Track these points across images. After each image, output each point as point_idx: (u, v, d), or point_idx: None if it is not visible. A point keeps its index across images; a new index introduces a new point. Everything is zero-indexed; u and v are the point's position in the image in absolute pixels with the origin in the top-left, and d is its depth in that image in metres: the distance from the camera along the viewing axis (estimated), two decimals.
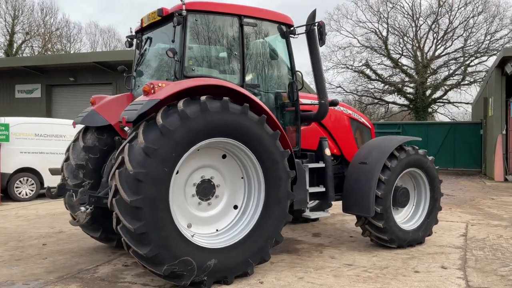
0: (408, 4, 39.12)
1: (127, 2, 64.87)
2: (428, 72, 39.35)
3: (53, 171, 11.31)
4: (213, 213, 5.24)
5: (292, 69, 6.12)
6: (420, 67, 38.97)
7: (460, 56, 39.54)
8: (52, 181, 11.79)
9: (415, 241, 6.67)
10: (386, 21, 39.17)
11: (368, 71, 40.41)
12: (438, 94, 40.22)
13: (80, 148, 6.09)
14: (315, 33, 6.01)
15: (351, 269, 5.54)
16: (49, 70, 23.42)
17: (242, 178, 5.36)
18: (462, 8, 38.11)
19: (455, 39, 39.41)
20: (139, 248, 4.45)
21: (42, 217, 9.21)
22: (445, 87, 40.18)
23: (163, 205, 4.54)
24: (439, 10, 38.78)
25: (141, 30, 6.21)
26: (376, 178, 6.12)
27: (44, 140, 11.93)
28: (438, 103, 41.87)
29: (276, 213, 5.24)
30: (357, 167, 6.38)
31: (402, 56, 40.50)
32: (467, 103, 40.37)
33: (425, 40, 39.58)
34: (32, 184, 11.72)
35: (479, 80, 38.85)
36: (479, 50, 38.86)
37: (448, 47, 39.98)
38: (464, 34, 38.88)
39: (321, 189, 6.11)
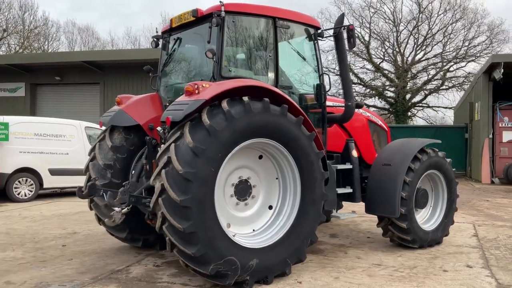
0: (389, 9, 39.69)
1: (102, 1, 63.93)
2: (409, 76, 40.11)
3: None
4: (249, 213, 5.27)
5: (319, 71, 6.20)
6: (401, 71, 39.69)
7: (439, 62, 40.43)
8: (51, 182, 11.64)
9: (434, 241, 6.83)
10: (368, 26, 39.78)
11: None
12: (417, 98, 41.04)
13: (107, 148, 6.03)
14: (343, 36, 6.11)
15: (382, 269, 5.64)
16: (34, 68, 22.97)
17: (276, 178, 5.40)
18: (442, 15, 39.01)
19: (435, 44, 40.30)
20: (187, 248, 4.44)
21: (49, 218, 9.05)
22: (425, 91, 41.05)
23: (210, 205, 4.55)
24: (420, 16, 39.58)
25: (169, 31, 6.19)
26: (401, 179, 6.25)
27: (44, 140, 11.72)
28: (417, 107, 42.72)
29: (311, 214, 5.30)
30: (380, 168, 6.50)
31: (384, 61, 41.21)
32: (446, 108, 41.31)
33: (406, 45, 40.35)
34: (31, 184, 11.49)
35: (457, 85, 39.90)
36: (457, 55, 39.82)
37: (428, 52, 40.85)
38: (443, 40, 39.77)
39: (349, 190, 6.20)
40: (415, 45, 40.16)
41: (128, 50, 35.69)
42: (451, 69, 40.43)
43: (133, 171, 6.05)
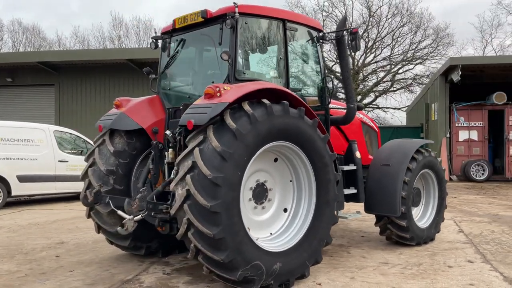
0: (341, 13, 40.57)
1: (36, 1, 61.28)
2: (359, 78, 41.25)
3: None
4: (266, 216, 5.23)
5: (323, 74, 6.25)
6: (352, 74, 40.74)
7: (388, 64, 41.84)
8: (20, 189, 11.05)
9: (429, 238, 7.06)
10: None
11: None
12: (367, 100, 42.28)
13: (109, 153, 5.79)
14: (345, 39, 6.19)
15: (391, 267, 5.75)
16: None
17: (290, 181, 5.39)
18: (390, 19, 40.39)
19: (384, 48, 41.64)
20: (215, 254, 4.34)
21: (27, 228, 8.58)
22: (375, 93, 42.38)
23: (237, 209, 4.48)
24: (370, 20, 40.79)
25: (171, 32, 6.04)
26: (401, 179, 6.41)
27: (11, 145, 11.10)
28: (368, 108, 44.00)
29: (326, 215, 5.33)
30: (379, 169, 6.63)
31: (336, 63, 42.14)
32: (394, 108, 42.83)
33: None
34: None
35: (406, 86, 41.47)
36: (405, 58, 41.37)
37: (378, 55, 42.19)
38: (392, 43, 41.19)
39: (353, 191, 6.29)
40: (365, 48, 41.35)
41: (87, 50, 34.52)
42: (400, 71, 41.96)
43: (138, 177, 5.85)
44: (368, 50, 41.47)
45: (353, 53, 35.14)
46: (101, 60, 21.09)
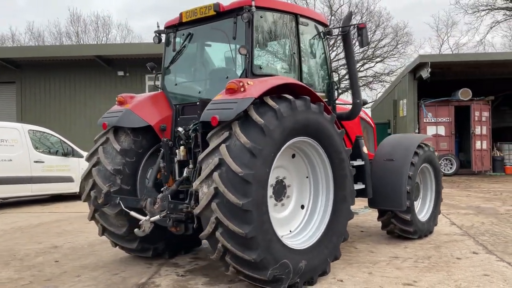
0: None
1: None
2: None
3: None
4: (285, 214, 5.15)
5: (330, 69, 6.23)
6: None
7: None
8: None
9: (428, 231, 7.19)
10: None
11: None
12: None
13: (114, 152, 5.54)
14: (351, 35, 6.19)
15: (402, 261, 5.80)
16: None
17: (307, 177, 5.33)
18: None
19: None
20: (247, 253, 4.22)
21: (11, 232, 8.13)
22: (337, 90, 42.97)
23: (265, 207, 4.38)
24: (331, 19, 41.33)
25: (176, 26, 5.84)
26: (406, 174, 6.47)
27: None
28: None
29: (343, 211, 5.31)
30: (383, 164, 6.67)
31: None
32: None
33: None
34: None
35: (367, 83, 42.37)
36: (365, 56, 42.26)
37: (339, 53, 42.83)
38: (352, 42, 41.79)
39: (361, 186, 6.29)
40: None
41: (51, 46, 33.21)
42: (361, 69, 42.76)
43: (147, 176, 5.64)
44: (330, 48, 42.01)
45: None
46: (67, 56, 20.32)
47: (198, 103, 5.05)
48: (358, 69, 42.50)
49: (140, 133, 5.66)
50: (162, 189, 5.04)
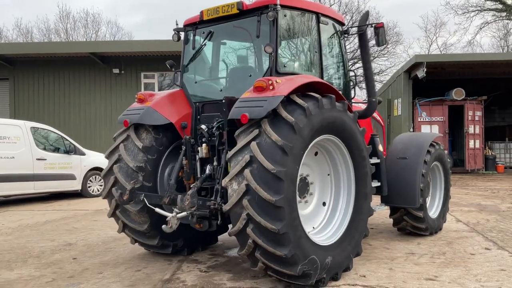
0: None
1: None
2: None
3: None
4: (308, 211, 5.21)
5: (347, 68, 6.31)
6: None
7: None
8: None
9: (438, 228, 7.33)
10: None
11: None
12: None
13: (136, 149, 5.56)
14: (367, 34, 6.27)
15: (419, 257, 5.91)
16: None
17: (328, 175, 5.40)
18: None
19: None
20: (278, 249, 4.28)
21: (20, 230, 8.08)
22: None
23: (295, 203, 4.45)
24: None
25: (196, 24, 5.86)
26: (420, 172, 6.59)
27: None
28: None
29: (364, 208, 5.39)
30: (396, 161, 6.78)
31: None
32: None
33: None
34: None
35: (359, 82, 42.59)
36: (354, 56, 42.53)
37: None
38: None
39: (377, 183, 6.38)
40: None
41: (46, 43, 32.87)
42: (352, 68, 43.04)
43: (168, 173, 5.68)
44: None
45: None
46: (62, 53, 20.14)
47: (223, 100, 5.08)
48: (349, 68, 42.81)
49: (160, 130, 5.68)
50: (192, 185, 5.05)
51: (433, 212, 7.36)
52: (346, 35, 6.30)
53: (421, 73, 17.94)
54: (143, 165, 5.52)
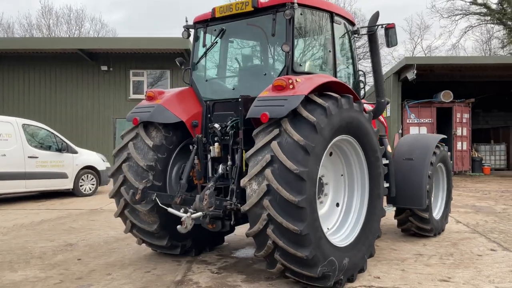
0: None
1: None
2: None
3: None
4: (323, 211, 5.16)
5: (357, 68, 6.29)
6: None
7: None
8: None
9: (441, 229, 7.37)
10: None
11: None
12: None
13: (146, 147, 5.44)
14: (377, 35, 6.25)
15: (428, 258, 5.92)
16: None
17: (341, 175, 5.37)
18: None
19: None
20: (299, 250, 4.22)
21: (16, 230, 7.86)
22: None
23: (315, 204, 4.39)
24: None
25: (207, 21, 5.76)
26: (426, 173, 6.60)
27: None
28: None
29: (377, 208, 5.37)
30: (402, 163, 6.78)
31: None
32: None
33: None
34: None
35: None
36: None
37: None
38: None
39: (386, 184, 6.36)
40: None
41: (32, 38, 32.25)
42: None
43: (179, 172, 5.58)
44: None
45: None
46: (49, 49, 19.76)
47: (239, 99, 4.99)
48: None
49: (170, 129, 5.57)
50: (208, 185, 4.94)
51: (437, 213, 7.40)
52: (356, 35, 6.26)
53: (411, 75, 18.11)
54: (153, 164, 5.41)
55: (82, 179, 12.31)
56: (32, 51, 19.81)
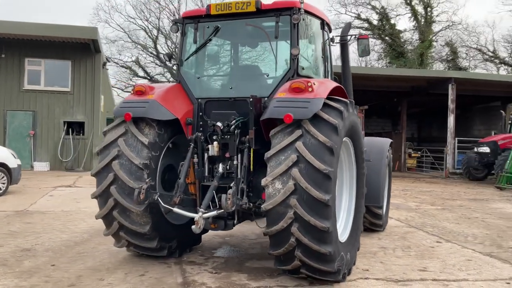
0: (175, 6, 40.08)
1: None
2: None
3: None
4: None
5: (331, 73, 6.65)
6: None
7: None
8: None
9: (386, 224, 8.09)
10: (157, 21, 39.60)
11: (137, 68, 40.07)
12: None
13: (140, 145, 5.20)
14: (348, 44, 6.70)
15: (393, 250, 6.49)
16: None
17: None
18: None
19: None
20: (323, 247, 4.42)
21: None
22: None
23: (336, 202, 4.63)
24: None
25: (198, 17, 5.67)
26: (383, 173, 7.21)
27: None
28: None
29: (362, 206, 5.79)
30: None
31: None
32: None
33: None
34: None
35: None
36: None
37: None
38: None
39: None
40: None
41: None
42: None
43: (177, 171, 5.41)
44: None
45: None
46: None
47: (250, 99, 5.01)
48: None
49: (163, 126, 5.39)
50: (231, 185, 4.87)
51: (384, 209, 8.10)
52: (331, 43, 6.61)
53: None
54: (148, 163, 5.19)
55: None
56: None
